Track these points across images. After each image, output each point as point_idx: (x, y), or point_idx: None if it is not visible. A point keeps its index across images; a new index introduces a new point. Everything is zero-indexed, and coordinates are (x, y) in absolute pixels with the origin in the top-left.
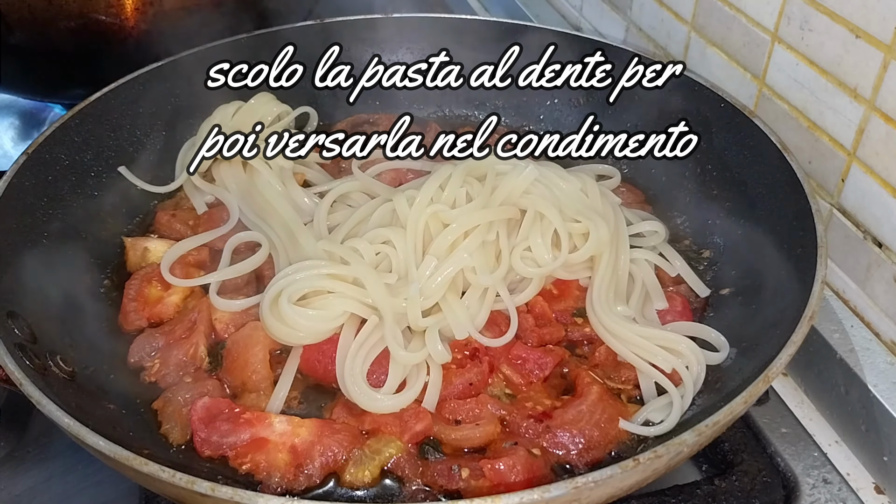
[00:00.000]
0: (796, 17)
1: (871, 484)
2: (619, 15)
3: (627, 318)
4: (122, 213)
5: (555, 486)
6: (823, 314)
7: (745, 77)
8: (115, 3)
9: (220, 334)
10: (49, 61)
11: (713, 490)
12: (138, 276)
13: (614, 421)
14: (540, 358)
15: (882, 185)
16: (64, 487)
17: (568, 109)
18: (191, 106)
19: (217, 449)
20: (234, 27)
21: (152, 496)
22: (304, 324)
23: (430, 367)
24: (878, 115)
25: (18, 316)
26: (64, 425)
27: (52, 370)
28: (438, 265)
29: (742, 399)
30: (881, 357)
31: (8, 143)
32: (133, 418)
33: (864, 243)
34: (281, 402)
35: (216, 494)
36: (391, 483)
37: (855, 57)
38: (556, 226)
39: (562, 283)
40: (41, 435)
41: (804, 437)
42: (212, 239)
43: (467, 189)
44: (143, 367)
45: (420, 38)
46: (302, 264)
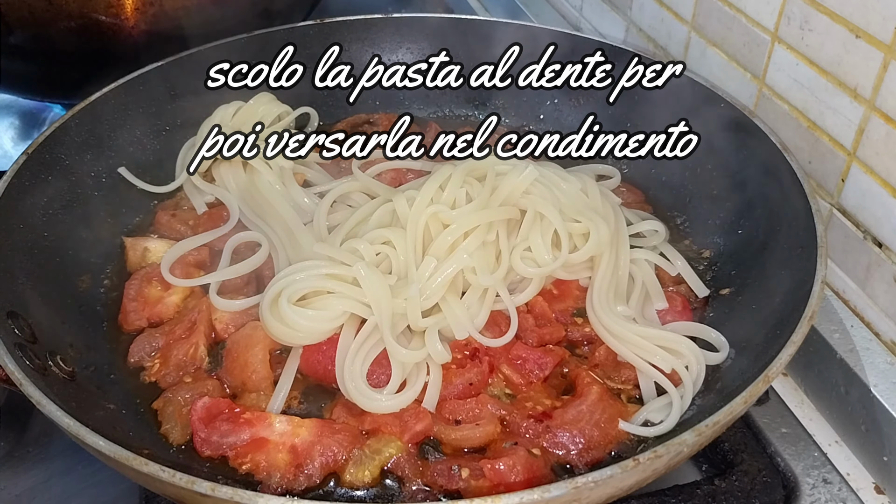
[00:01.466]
0: (796, 17)
1: (871, 484)
2: (619, 15)
3: (627, 318)
4: (122, 213)
5: (555, 486)
6: (823, 314)
7: (745, 77)
8: (115, 3)
9: (220, 334)
10: (49, 61)
11: (713, 490)
12: (138, 276)
13: (614, 421)
14: (540, 358)
15: (882, 185)
16: (64, 487)
17: (568, 109)
18: (191, 106)
19: (217, 449)
20: (235, 27)
21: (152, 496)
22: (303, 324)
23: (430, 367)
24: (878, 115)
25: (18, 316)
26: (64, 425)
27: (52, 370)
28: (438, 265)
29: (742, 399)
30: (881, 357)
31: (8, 143)
32: (133, 418)
33: (864, 243)
34: (281, 402)
35: (216, 494)
36: (391, 483)
37: (855, 57)
38: (557, 226)
39: (562, 283)
40: (41, 435)
41: (804, 437)
42: (212, 239)
43: (467, 189)
44: (143, 367)
45: (420, 38)
46: (302, 264)
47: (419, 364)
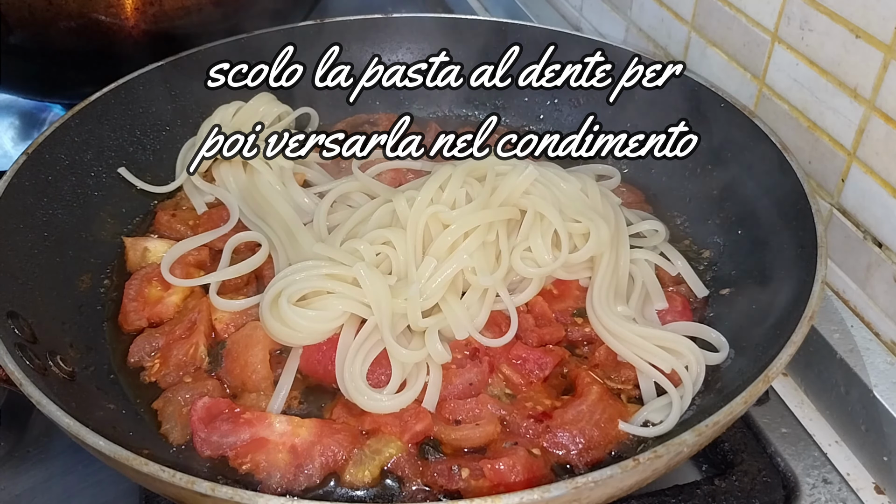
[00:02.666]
0: (796, 17)
1: (871, 484)
2: (619, 15)
3: (627, 318)
4: (122, 213)
5: (555, 486)
6: (823, 314)
7: (745, 77)
8: (115, 3)
9: (220, 334)
10: (49, 61)
11: (713, 490)
12: (138, 276)
13: (614, 421)
14: (540, 358)
15: (882, 185)
16: (64, 487)
17: (568, 109)
18: (191, 106)
19: (217, 449)
20: (234, 27)
21: (152, 496)
22: (303, 324)
23: (430, 367)
24: (878, 115)
25: (18, 316)
26: (64, 425)
27: (52, 370)
28: (438, 266)
29: (742, 399)
30: (881, 357)
31: (8, 143)
32: (133, 418)
33: (864, 243)
34: (281, 402)
35: (216, 494)
36: (391, 483)
37: (855, 57)
38: (557, 226)
39: (562, 283)
40: (41, 435)
41: (804, 437)
42: (212, 239)
43: (467, 189)
44: (143, 367)
45: (420, 38)
46: (302, 265)
47: (419, 364)
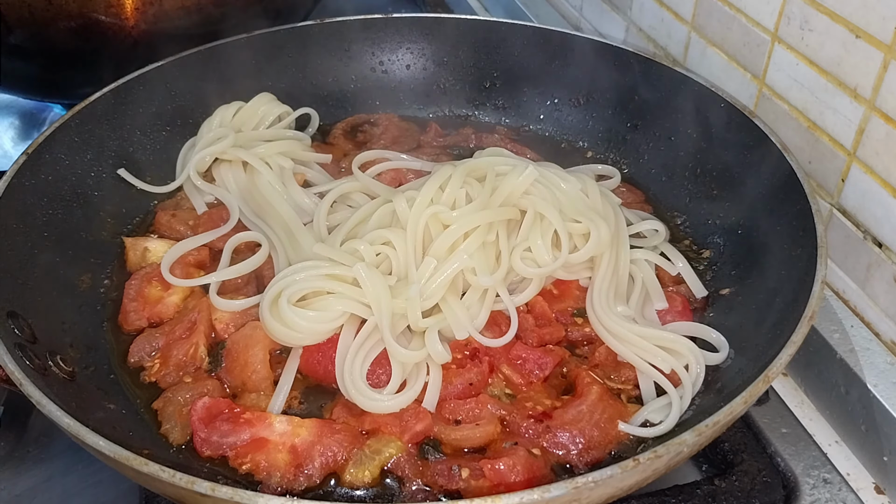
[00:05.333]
0: (796, 17)
1: (871, 484)
2: (619, 15)
3: (627, 318)
4: (122, 213)
5: (555, 486)
6: (823, 314)
7: (745, 77)
8: (115, 3)
9: (220, 334)
10: (49, 61)
11: (713, 490)
12: (138, 276)
13: (614, 421)
14: (540, 358)
15: (882, 185)
16: (64, 487)
17: (568, 109)
18: (191, 106)
19: (217, 449)
20: (235, 27)
21: (152, 496)
22: (303, 325)
23: (430, 367)
24: (878, 115)
25: (18, 316)
26: (64, 425)
27: (52, 370)
28: (438, 266)
29: (742, 399)
30: (881, 357)
31: (8, 143)
32: (133, 418)
33: (864, 243)
34: (281, 402)
35: (216, 494)
36: (391, 483)
37: (855, 57)
38: (557, 226)
39: (562, 283)
40: (41, 435)
41: (804, 437)
42: (212, 239)
43: (467, 190)
44: (143, 367)
45: (420, 38)
46: (302, 265)
47: (419, 364)
